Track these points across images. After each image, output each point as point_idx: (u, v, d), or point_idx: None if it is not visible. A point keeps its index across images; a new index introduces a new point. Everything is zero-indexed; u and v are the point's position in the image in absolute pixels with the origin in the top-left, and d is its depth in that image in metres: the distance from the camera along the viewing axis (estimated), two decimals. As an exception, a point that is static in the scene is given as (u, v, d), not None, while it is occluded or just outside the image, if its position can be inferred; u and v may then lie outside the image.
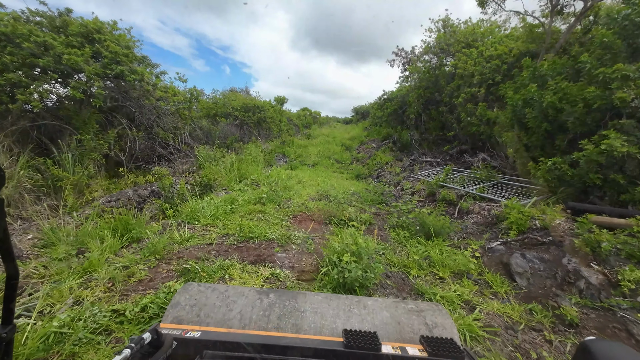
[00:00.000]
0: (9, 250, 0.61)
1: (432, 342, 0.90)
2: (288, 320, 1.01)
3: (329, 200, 6.35)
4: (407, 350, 0.88)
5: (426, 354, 0.86)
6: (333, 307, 1.08)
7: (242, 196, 6.02)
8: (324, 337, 0.93)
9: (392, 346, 0.89)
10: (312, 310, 1.06)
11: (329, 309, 1.07)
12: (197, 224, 4.52)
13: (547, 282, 3.03)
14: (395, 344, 0.91)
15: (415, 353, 0.87)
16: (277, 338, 0.89)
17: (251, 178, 7.46)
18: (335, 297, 1.15)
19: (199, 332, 0.89)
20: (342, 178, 9.87)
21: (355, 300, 1.13)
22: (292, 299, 1.11)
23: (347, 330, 0.90)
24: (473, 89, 8.38)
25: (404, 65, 14.89)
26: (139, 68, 7.32)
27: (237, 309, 1.04)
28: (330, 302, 1.11)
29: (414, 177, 8.33)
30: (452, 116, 9.22)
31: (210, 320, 1.00)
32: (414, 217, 4.65)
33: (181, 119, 11.78)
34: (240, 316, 1.02)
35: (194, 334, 0.88)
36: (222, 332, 0.92)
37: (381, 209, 6.22)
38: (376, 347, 0.84)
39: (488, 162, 7.26)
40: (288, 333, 0.96)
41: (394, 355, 0.85)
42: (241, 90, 20.77)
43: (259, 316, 1.02)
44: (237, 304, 1.06)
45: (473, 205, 5.45)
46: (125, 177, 7.71)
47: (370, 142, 16.16)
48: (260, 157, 10.22)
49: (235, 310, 1.03)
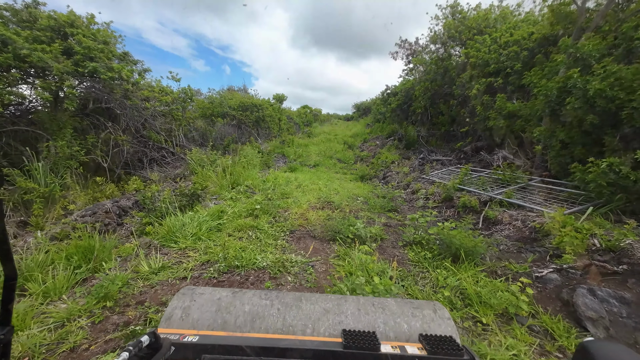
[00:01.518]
0: (8, 251, 0.61)
1: (431, 340, 0.88)
2: (287, 322, 0.97)
3: (332, 209, 5.49)
4: (406, 349, 0.86)
5: (425, 352, 0.84)
6: (332, 308, 1.04)
7: (233, 207, 5.18)
8: (323, 338, 0.92)
9: (392, 345, 0.87)
10: (311, 311, 1.01)
11: (327, 308, 1.03)
12: (174, 247, 3.68)
13: (638, 335, 2.16)
14: (395, 343, 0.89)
15: (415, 351, 0.85)
16: (276, 340, 0.87)
17: (245, 184, 6.61)
18: (334, 297, 1.10)
19: (197, 337, 0.86)
20: (346, 180, 9.00)
21: (354, 301, 1.08)
22: (291, 301, 1.05)
23: (345, 331, 0.90)
24: (489, 79, 7.44)
25: (408, 57, 13.90)
26: (117, 65, 6.45)
27: (236, 312, 0.99)
28: (328, 303, 1.06)
29: (425, 178, 7.44)
30: (465, 110, 8.29)
31: (208, 324, 0.96)
32: (435, 232, 3.78)
33: (175, 120, 10.96)
34: (238, 319, 0.98)
35: (191, 338, 0.86)
36: (221, 336, 0.90)
37: (392, 217, 5.34)
38: (375, 347, 0.83)
39: (510, 160, 6.35)
40: (287, 335, 0.93)
41: (393, 354, 0.83)
42: (239, 89, 19.86)
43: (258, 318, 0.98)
44: (236, 307, 1.01)
45: (501, 214, 4.56)
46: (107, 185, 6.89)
47: (373, 140, 15.23)
48: (257, 159, 9.37)
49: (234, 314, 0.99)
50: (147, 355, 0.72)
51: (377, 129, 16.83)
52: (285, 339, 0.89)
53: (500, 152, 6.62)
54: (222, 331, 0.94)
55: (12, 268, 0.63)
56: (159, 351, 0.75)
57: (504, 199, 4.86)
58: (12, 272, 0.63)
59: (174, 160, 10.32)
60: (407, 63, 13.97)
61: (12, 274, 0.63)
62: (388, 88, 14.79)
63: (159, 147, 10.16)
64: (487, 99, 7.19)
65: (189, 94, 11.90)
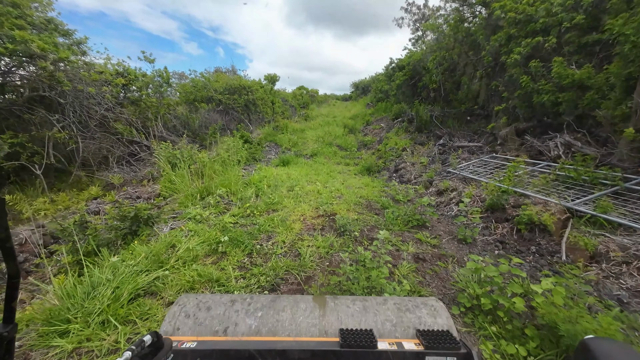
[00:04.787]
0: (11, 249, 0.60)
1: (428, 335, 0.87)
2: (284, 324, 0.94)
3: (337, 231, 3.74)
4: (403, 345, 0.84)
5: (422, 348, 0.83)
6: (329, 308, 1.00)
7: (192, 235, 3.44)
8: (320, 338, 0.90)
9: (389, 342, 0.85)
10: (308, 312, 0.98)
11: (325, 309, 1.00)
12: (59, 344, 1.96)
13: None
14: (392, 340, 0.87)
15: (412, 347, 0.84)
16: (273, 342, 0.86)
17: (218, 194, 4.81)
18: (331, 298, 1.06)
19: (195, 343, 0.84)
20: (349, 173, 7.19)
21: (351, 300, 1.05)
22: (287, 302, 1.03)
23: (343, 330, 0.88)
24: (536, 39, 5.42)
25: (416, 23, 11.61)
26: (23, 34, 4.43)
27: (234, 317, 0.96)
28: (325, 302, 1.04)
29: (453, 173, 5.62)
30: (499, 82, 6.31)
31: (206, 330, 0.93)
32: (517, 292, 2.03)
33: (149, 108, 9.00)
34: (236, 323, 0.94)
35: (189, 344, 0.83)
36: (219, 341, 0.87)
37: (422, 240, 3.59)
38: (372, 344, 0.82)
39: (577, 149, 4.49)
40: (284, 337, 0.90)
41: (391, 351, 0.82)
42: (227, 70, 17.49)
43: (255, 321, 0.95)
44: (233, 311, 0.98)
45: (605, 242, 2.80)
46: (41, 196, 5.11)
47: (377, 122, 13.22)
48: (243, 152, 7.51)
49: (232, 318, 0.95)
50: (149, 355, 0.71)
51: (381, 108, 14.75)
52: (283, 340, 0.87)
53: (559, 137, 4.76)
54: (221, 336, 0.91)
55: (14, 267, 0.63)
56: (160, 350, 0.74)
57: (596, 214, 3.09)
58: (15, 270, 0.63)
59: (149, 155, 8.45)
60: (415, 30, 11.70)
61: (15, 273, 0.63)
62: (393, 61, 12.58)
63: (131, 140, 8.28)
64: (537, 65, 5.21)
65: (165, 77, 9.85)
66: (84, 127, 7.17)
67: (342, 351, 0.80)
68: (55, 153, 6.52)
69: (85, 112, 6.88)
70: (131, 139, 8.24)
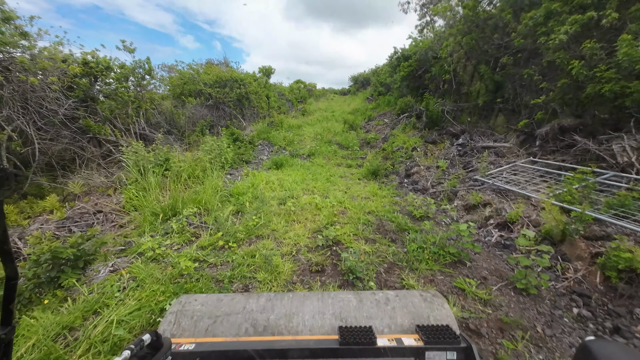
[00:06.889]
0: (9, 251, 0.58)
1: (428, 330, 0.83)
2: (282, 323, 0.90)
3: (342, 276, 2.59)
4: (402, 341, 0.81)
5: (422, 343, 0.80)
6: (327, 305, 0.96)
7: (129, 291, 2.28)
8: (320, 337, 0.86)
9: (388, 338, 0.82)
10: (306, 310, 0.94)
11: (323, 307, 0.95)
12: None
13: None
14: (391, 336, 0.84)
15: (411, 343, 0.81)
16: (273, 342, 0.83)
17: (190, 211, 3.62)
18: (329, 294, 1.01)
19: (193, 344, 0.81)
20: (353, 178, 6.02)
21: (349, 296, 1.00)
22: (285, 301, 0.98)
23: (342, 327, 0.85)
24: (588, 14, 4.20)
25: (423, 8, 10.28)
26: None
27: (231, 318, 0.93)
28: (323, 300, 0.98)
29: (481, 181, 4.45)
30: (534, 70, 5.10)
31: (204, 331, 0.89)
32: None
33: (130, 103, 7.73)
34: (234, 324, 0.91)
35: (187, 346, 0.80)
36: (217, 342, 0.84)
37: (468, 291, 2.45)
38: (372, 341, 0.79)
39: (657, 154, 3.34)
40: (283, 336, 0.87)
41: (390, 347, 0.79)
42: (219, 62, 16.05)
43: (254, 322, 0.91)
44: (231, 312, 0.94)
45: None
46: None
47: (380, 117, 11.97)
48: (228, 153, 6.30)
49: (230, 319, 0.92)
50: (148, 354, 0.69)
51: (383, 103, 13.48)
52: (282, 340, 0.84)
53: (626, 139, 3.59)
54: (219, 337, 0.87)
55: (13, 269, 0.61)
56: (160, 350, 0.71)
57: None
58: (14, 272, 0.61)
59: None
60: (422, 16, 10.38)
61: (13, 275, 0.61)
62: (397, 51, 11.27)
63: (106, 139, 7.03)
64: (593, 47, 4.00)
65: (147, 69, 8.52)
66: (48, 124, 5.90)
67: (341, 349, 0.78)
68: (9, 156, 5.32)
69: (37, 107, 5.62)
70: (105, 137, 6.99)
